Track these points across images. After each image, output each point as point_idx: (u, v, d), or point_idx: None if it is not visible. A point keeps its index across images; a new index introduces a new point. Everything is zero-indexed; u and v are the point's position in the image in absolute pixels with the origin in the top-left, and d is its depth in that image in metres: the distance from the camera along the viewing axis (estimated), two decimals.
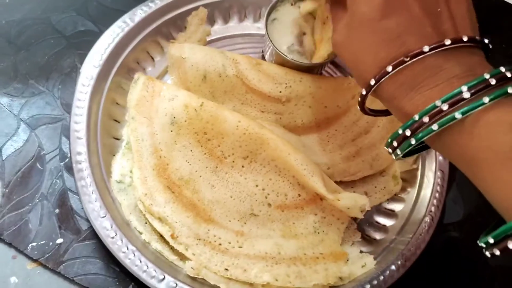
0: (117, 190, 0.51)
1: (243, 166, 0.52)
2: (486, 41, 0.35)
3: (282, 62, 0.56)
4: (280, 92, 0.56)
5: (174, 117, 0.52)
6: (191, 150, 0.52)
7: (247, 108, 0.57)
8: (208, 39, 0.63)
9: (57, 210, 0.52)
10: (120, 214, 0.49)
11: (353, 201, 0.49)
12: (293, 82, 0.56)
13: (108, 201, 0.49)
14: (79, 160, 0.50)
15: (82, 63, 0.55)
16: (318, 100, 0.57)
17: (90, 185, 0.48)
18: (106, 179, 0.51)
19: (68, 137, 0.53)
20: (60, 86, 0.58)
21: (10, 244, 0.49)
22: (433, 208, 0.52)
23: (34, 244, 0.49)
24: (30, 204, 0.51)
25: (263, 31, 0.56)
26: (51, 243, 0.50)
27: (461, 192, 0.59)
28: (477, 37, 0.34)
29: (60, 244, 0.50)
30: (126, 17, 0.58)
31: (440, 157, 0.55)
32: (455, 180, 0.59)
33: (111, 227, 0.47)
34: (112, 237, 0.46)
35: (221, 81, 0.56)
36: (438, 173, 0.54)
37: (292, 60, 0.54)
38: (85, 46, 0.59)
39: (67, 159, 0.54)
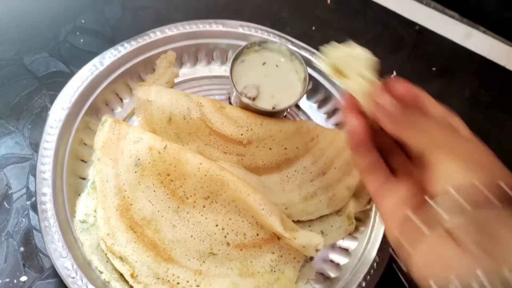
0: (80, 230, 0.54)
1: (204, 206, 0.56)
2: None
3: (245, 106, 0.60)
4: (242, 134, 0.60)
5: (139, 159, 0.55)
6: (154, 191, 0.55)
7: (211, 149, 0.60)
8: (176, 80, 0.67)
9: (22, 248, 0.54)
10: (81, 254, 0.52)
11: (308, 240, 0.53)
12: (254, 125, 0.60)
13: (70, 242, 0.52)
14: (43, 200, 0.53)
15: (53, 103, 0.59)
16: (279, 142, 0.61)
17: (53, 226, 0.51)
18: (69, 219, 0.54)
19: (35, 177, 0.56)
20: (30, 126, 0.61)
21: None
22: (384, 248, 0.56)
23: None
24: None
25: (229, 75, 0.60)
26: (15, 281, 0.52)
27: None
28: None
29: (24, 282, 0.53)
30: (96, 60, 0.62)
31: None
32: None
33: (72, 267, 0.50)
34: (73, 277, 0.49)
35: (186, 123, 0.60)
36: None
37: (255, 106, 0.59)
38: (56, 87, 0.62)
39: (33, 198, 0.57)
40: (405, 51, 0.77)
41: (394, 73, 0.74)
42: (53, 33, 0.69)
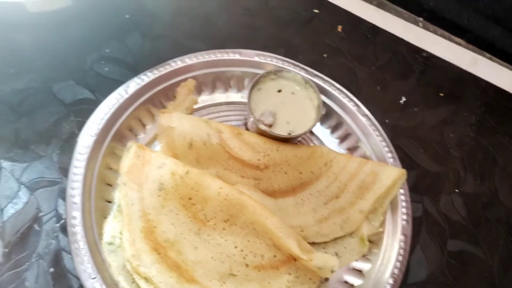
0: (108, 251, 0.56)
1: (224, 229, 0.58)
2: None
3: (262, 132, 0.63)
4: (259, 160, 0.63)
5: (162, 184, 0.58)
6: (177, 214, 0.58)
7: (229, 174, 0.63)
8: (195, 107, 0.70)
9: (51, 269, 0.57)
10: (109, 275, 0.55)
11: (324, 262, 0.55)
12: (271, 151, 0.63)
13: (98, 263, 0.54)
14: (73, 223, 0.55)
15: (80, 129, 0.62)
16: (294, 167, 0.64)
17: (83, 248, 0.54)
18: (97, 241, 0.56)
19: (64, 199, 0.59)
20: (58, 152, 0.64)
21: None
22: (396, 271, 0.58)
23: None
24: (27, 263, 0.57)
25: (245, 100, 0.64)
26: None
27: (425, 253, 0.65)
28: None
29: None
30: (121, 89, 0.65)
31: (404, 222, 0.62)
32: (419, 242, 0.65)
33: (101, 287, 0.52)
34: None
35: (206, 149, 0.63)
36: (401, 237, 0.61)
37: (271, 132, 0.62)
38: (83, 114, 0.65)
39: (62, 220, 0.60)
40: (413, 77, 0.80)
41: (404, 98, 0.77)
42: (79, 62, 0.72)
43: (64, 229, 0.59)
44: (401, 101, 0.77)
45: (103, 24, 0.76)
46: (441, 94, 0.79)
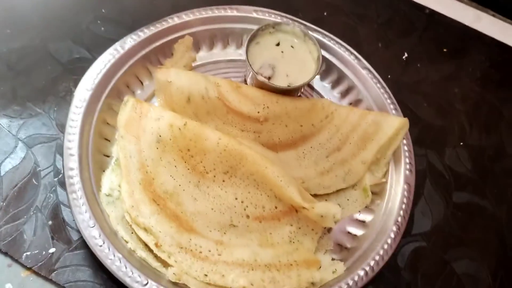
0: (106, 202, 0.55)
1: (223, 181, 0.57)
2: None
3: (262, 85, 0.62)
4: (258, 112, 0.61)
5: (160, 136, 0.57)
6: (175, 166, 0.56)
7: (228, 127, 0.62)
8: (193, 64, 0.68)
9: (50, 222, 0.56)
10: (108, 225, 0.53)
11: (326, 210, 0.54)
12: (270, 103, 0.61)
13: (97, 213, 0.53)
14: (71, 175, 0.54)
15: (76, 87, 0.61)
16: (294, 119, 0.62)
17: (80, 198, 0.53)
18: (96, 193, 0.55)
19: (61, 155, 0.57)
20: (55, 108, 0.63)
21: (6, 253, 0.53)
22: (399, 219, 0.56)
23: (28, 253, 0.53)
24: (25, 216, 0.56)
25: (244, 57, 0.61)
26: (44, 252, 0.54)
27: (429, 204, 0.63)
28: None
29: (52, 253, 0.54)
30: (117, 45, 0.64)
31: (407, 172, 0.60)
32: (424, 194, 0.63)
33: (99, 236, 0.51)
34: (100, 245, 0.50)
35: (204, 103, 0.61)
36: (405, 186, 0.59)
37: (271, 83, 0.60)
38: (80, 72, 0.64)
39: (60, 175, 0.58)
40: (415, 34, 0.78)
41: (406, 54, 0.75)
42: (76, 21, 0.70)
43: (62, 184, 0.57)
44: (404, 57, 0.75)
45: None
46: (445, 50, 0.77)
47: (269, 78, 0.61)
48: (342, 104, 0.67)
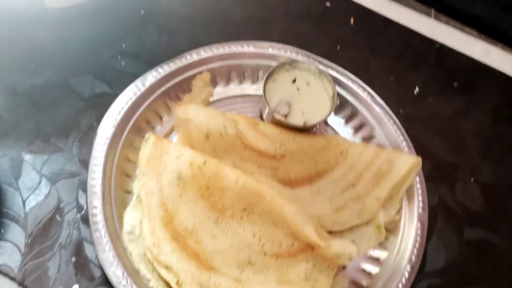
0: (128, 240, 0.56)
1: (241, 218, 0.58)
2: None
3: (278, 122, 0.63)
4: (275, 149, 0.62)
5: (180, 173, 0.58)
6: (195, 203, 0.58)
7: (246, 164, 0.63)
8: (210, 99, 0.70)
9: (73, 259, 0.57)
10: (130, 263, 0.55)
11: (342, 249, 0.55)
12: (287, 140, 0.63)
13: (120, 251, 0.54)
14: (95, 213, 0.56)
15: (99, 122, 0.62)
16: (310, 156, 0.63)
17: (104, 237, 0.54)
18: (118, 230, 0.57)
19: (84, 191, 0.59)
20: (78, 144, 0.65)
21: None
22: (413, 258, 0.57)
23: None
24: (49, 253, 0.57)
25: (260, 92, 0.63)
26: None
27: (442, 241, 0.64)
28: None
29: None
30: (138, 81, 0.65)
31: (420, 210, 0.61)
32: (436, 231, 0.64)
33: (123, 275, 0.52)
34: (124, 285, 0.52)
35: (222, 140, 0.62)
36: (418, 225, 0.60)
37: (287, 122, 0.61)
38: (101, 107, 0.66)
39: (83, 211, 0.60)
40: (426, 68, 0.79)
41: (417, 88, 0.76)
42: (97, 56, 0.72)
43: (85, 220, 0.59)
44: (415, 92, 0.76)
45: (119, 19, 0.76)
46: (455, 84, 0.78)
47: (285, 116, 0.62)
48: (355, 141, 0.69)
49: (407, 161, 0.61)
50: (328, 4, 0.84)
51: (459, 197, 0.68)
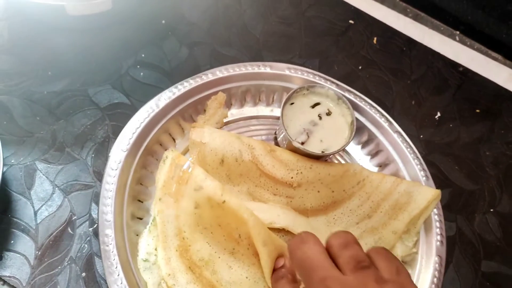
0: (143, 269, 0.54)
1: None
2: None
3: (295, 149, 0.60)
4: (292, 177, 0.60)
5: (198, 204, 0.54)
6: (211, 232, 0.55)
7: (261, 191, 0.60)
8: (225, 120, 0.67)
9: (83, 274, 0.55)
10: None
11: None
12: (304, 169, 0.60)
13: (132, 282, 0.52)
14: (106, 241, 0.53)
15: (114, 133, 0.60)
16: (326, 185, 0.60)
17: (116, 267, 0.52)
18: (130, 260, 0.54)
19: (97, 204, 0.57)
20: (93, 155, 0.63)
21: None
22: None
23: None
24: (59, 267, 0.55)
25: (275, 114, 0.60)
26: None
27: (458, 273, 0.61)
28: None
29: None
30: (152, 102, 0.62)
31: (438, 243, 0.58)
32: (452, 262, 0.62)
33: None
34: None
35: (237, 165, 0.60)
36: (436, 259, 0.57)
37: (305, 150, 0.58)
38: (118, 118, 0.64)
39: (96, 225, 0.58)
40: (449, 92, 0.76)
41: (439, 113, 0.74)
42: (116, 66, 0.70)
43: (97, 234, 0.57)
44: (436, 117, 0.73)
45: (140, 29, 0.74)
46: (477, 110, 0.75)
47: (302, 143, 0.60)
48: (371, 167, 0.66)
49: (427, 194, 0.58)
50: (351, 21, 0.81)
51: (477, 228, 0.65)
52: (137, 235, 0.57)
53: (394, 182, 0.60)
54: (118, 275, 0.51)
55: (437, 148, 0.70)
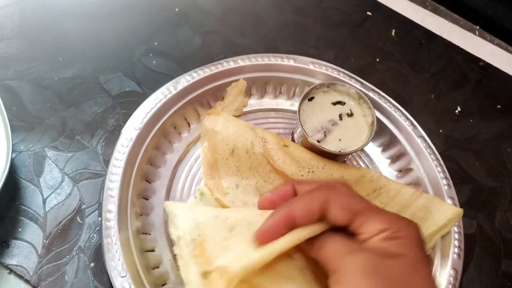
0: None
1: None
2: None
3: (310, 146, 0.58)
4: (302, 176, 0.57)
5: None
6: None
7: (269, 186, 0.57)
8: (244, 110, 0.65)
9: (92, 264, 0.54)
10: (139, 276, 0.50)
11: None
12: (316, 168, 0.57)
13: (130, 260, 0.50)
14: (108, 217, 0.52)
15: (125, 121, 0.58)
16: None
17: (115, 244, 0.50)
18: (131, 239, 0.52)
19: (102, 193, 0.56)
20: (103, 143, 0.61)
21: None
22: None
23: None
24: (67, 257, 0.54)
25: (295, 108, 0.58)
26: None
27: (478, 272, 0.59)
28: None
29: None
30: (170, 84, 0.61)
31: (455, 255, 0.55)
32: (473, 261, 0.60)
33: (130, 287, 0.48)
34: None
35: (248, 158, 0.58)
36: (451, 272, 0.54)
37: (321, 147, 0.56)
38: (129, 106, 0.62)
39: None
40: (469, 87, 0.74)
41: (459, 108, 0.72)
42: (128, 54, 0.68)
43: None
44: (456, 111, 0.71)
45: (152, 16, 0.72)
46: (498, 106, 0.73)
47: (318, 141, 0.57)
48: (391, 172, 0.64)
49: (447, 212, 0.55)
50: (369, 13, 0.79)
51: (498, 226, 0.63)
52: (141, 214, 0.55)
53: (413, 195, 0.57)
54: (117, 251, 0.50)
55: (456, 143, 0.68)
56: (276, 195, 0.41)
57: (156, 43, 0.70)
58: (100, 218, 0.56)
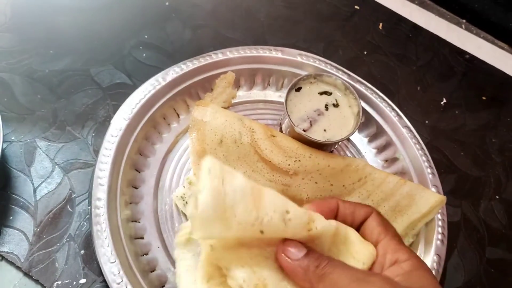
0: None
1: None
2: None
3: (297, 135, 0.59)
4: (289, 165, 0.58)
5: None
6: None
7: (257, 176, 0.58)
8: (233, 101, 0.66)
9: (82, 251, 0.55)
10: (128, 262, 0.51)
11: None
12: (303, 157, 0.58)
13: (119, 247, 0.51)
14: (97, 205, 0.53)
15: (115, 113, 0.60)
16: (325, 177, 0.58)
17: (105, 231, 0.51)
18: (120, 226, 0.53)
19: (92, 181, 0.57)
20: (93, 134, 0.62)
21: (37, 281, 0.52)
22: None
23: (59, 282, 0.52)
24: (58, 244, 0.55)
25: (283, 99, 0.59)
26: (74, 283, 0.53)
27: (462, 259, 0.61)
28: None
29: (83, 284, 0.53)
30: (159, 76, 0.62)
31: (438, 242, 0.57)
32: (457, 247, 0.61)
33: (118, 272, 0.49)
34: (118, 283, 0.49)
35: (236, 147, 0.59)
36: (435, 257, 0.56)
37: (307, 136, 0.57)
38: (120, 98, 0.63)
39: None
40: (455, 79, 0.76)
41: (444, 100, 0.73)
42: (118, 46, 0.70)
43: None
44: (442, 103, 0.73)
45: (143, 10, 0.73)
46: (483, 98, 0.74)
47: (305, 130, 0.58)
48: (377, 162, 0.65)
49: (430, 199, 0.57)
50: (357, 7, 0.80)
51: (482, 214, 0.64)
52: (131, 203, 0.56)
53: (398, 183, 0.58)
54: (106, 238, 0.51)
55: (442, 134, 0.70)
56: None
57: (146, 36, 0.71)
58: (90, 207, 0.57)
